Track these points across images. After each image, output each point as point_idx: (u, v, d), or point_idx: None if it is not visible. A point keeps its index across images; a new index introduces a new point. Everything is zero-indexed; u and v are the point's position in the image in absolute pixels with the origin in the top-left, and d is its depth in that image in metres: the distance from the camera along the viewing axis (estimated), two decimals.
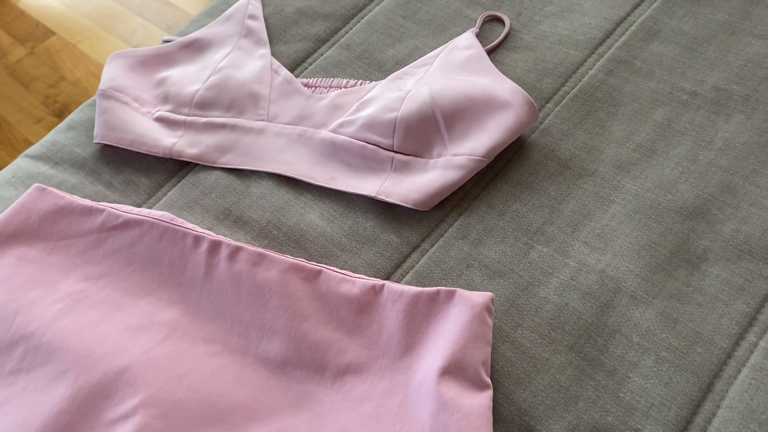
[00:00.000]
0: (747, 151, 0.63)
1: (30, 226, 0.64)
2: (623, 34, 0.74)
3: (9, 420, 0.55)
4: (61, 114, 1.74)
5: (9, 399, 0.56)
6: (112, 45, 1.88)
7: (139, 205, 0.69)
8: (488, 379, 0.53)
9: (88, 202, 0.65)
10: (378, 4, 0.83)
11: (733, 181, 0.62)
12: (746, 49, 0.70)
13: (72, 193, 0.70)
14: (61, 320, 0.59)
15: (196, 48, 0.80)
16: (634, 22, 0.75)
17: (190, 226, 0.62)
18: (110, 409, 0.54)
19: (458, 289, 0.55)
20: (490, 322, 0.55)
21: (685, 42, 0.72)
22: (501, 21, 0.78)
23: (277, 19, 0.82)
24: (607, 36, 0.74)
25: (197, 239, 0.61)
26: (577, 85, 0.71)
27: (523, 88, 0.72)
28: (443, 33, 0.78)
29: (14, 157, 1.69)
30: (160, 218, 0.62)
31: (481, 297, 0.55)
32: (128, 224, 0.63)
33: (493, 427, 0.52)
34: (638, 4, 0.77)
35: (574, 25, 0.76)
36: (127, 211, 0.64)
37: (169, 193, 0.70)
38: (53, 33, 1.96)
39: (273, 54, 0.79)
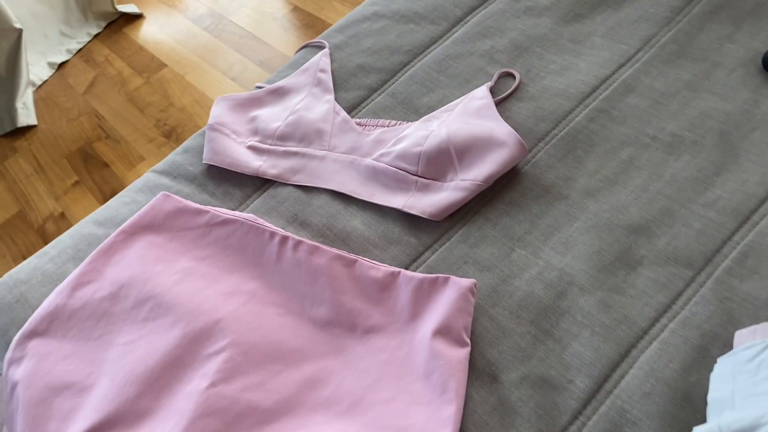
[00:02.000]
0: (687, 184, 0.82)
1: (158, 221, 0.91)
2: (607, 89, 0.94)
3: (141, 351, 0.81)
4: (169, 135, 2.05)
5: (141, 337, 0.82)
6: (213, 77, 2.19)
7: (233, 209, 0.95)
8: (468, 340, 0.75)
9: (198, 205, 0.91)
10: (420, 61, 1.06)
11: (672, 207, 0.81)
12: (702, 104, 0.89)
13: (186, 199, 0.97)
14: (177, 286, 0.84)
15: (279, 94, 1.05)
16: (617, 79, 0.95)
17: (268, 225, 0.87)
18: (207, 346, 0.79)
19: (452, 276, 0.77)
20: (472, 300, 0.76)
21: (655, 96, 0.92)
22: (513, 76, 1.00)
23: (341, 72, 1.07)
24: (594, 90, 0.95)
25: (272, 234, 0.85)
26: (564, 129, 0.92)
27: (522, 130, 0.93)
28: (467, 85, 1.00)
29: (130, 170, 2.00)
30: (248, 219, 0.88)
31: (467, 282, 0.76)
32: (225, 222, 0.88)
33: (468, 373, 0.73)
34: (623, 65, 0.97)
35: (569, 81, 0.97)
36: (224, 212, 0.89)
37: (255, 202, 0.95)
38: (165, 65, 2.29)
39: (336, 99, 1.04)
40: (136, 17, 2.48)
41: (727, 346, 0.69)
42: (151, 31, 2.42)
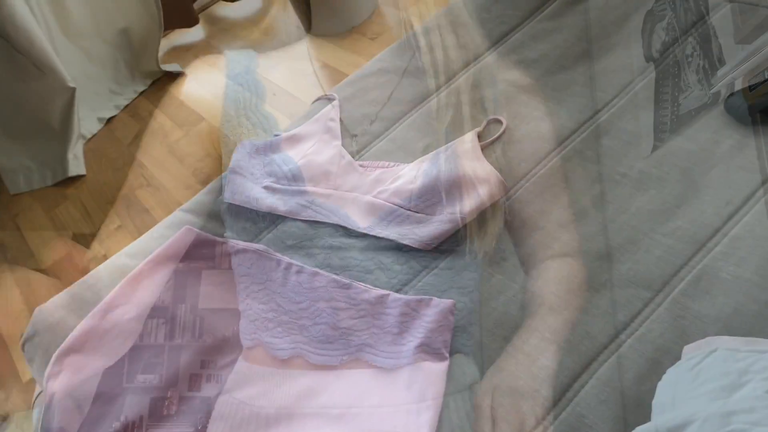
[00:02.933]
0: (651, 216, 0.90)
1: (181, 251, 1.03)
2: (584, 132, 1.04)
3: (163, 364, 0.91)
4: (205, 182, 2.19)
5: (163, 352, 0.93)
6: (246, 129, 2.35)
7: (248, 241, 1.06)
8: (447, 354, 0.83)
9: (217, 237, 1.03)
10: (418, 111, 1.18)
11: (636, 236, 0.89)
12: (669, 143, 0.98)
13: (207, 233, 1.08)
14: (196, 308, 0.96)
15: (293, 141, 1.18)
16: (594, 123, 1.05)
17: (276, 254, 0.98)
18: (220, 359, 0.89)
19: (434, 297, 0.87)
20: (451, 318, 0.85)
21: (626, 138, 1.01)
22: (501, 122, 1.10)
23: (348, 120, 1.20)
24: (572, 133, 1.04)
25: (279, 261, 0.97)
26: (543, 168, 1.01)
27: (505, 170, 1.03)
28: (459, 131, 1.11)
29: (167, 214, 2.14)
30: (258, 249, 0.99)
31: (446, 302, 0.86)
32: (240, 251, 1.00)
33: (446, 382, 0.82)
34: (599, 110, 1.06)
35: (550, 125, 1.07)
36: (239, 244, 1.01)
37: (268, 235, 1.06)
38: (203, 119, 2.46)
39: (343, 144, 1.16)
40: (179, 75, 2.68)
41: (678, 358, 0.77)
42: (192, 88, 2.61)
